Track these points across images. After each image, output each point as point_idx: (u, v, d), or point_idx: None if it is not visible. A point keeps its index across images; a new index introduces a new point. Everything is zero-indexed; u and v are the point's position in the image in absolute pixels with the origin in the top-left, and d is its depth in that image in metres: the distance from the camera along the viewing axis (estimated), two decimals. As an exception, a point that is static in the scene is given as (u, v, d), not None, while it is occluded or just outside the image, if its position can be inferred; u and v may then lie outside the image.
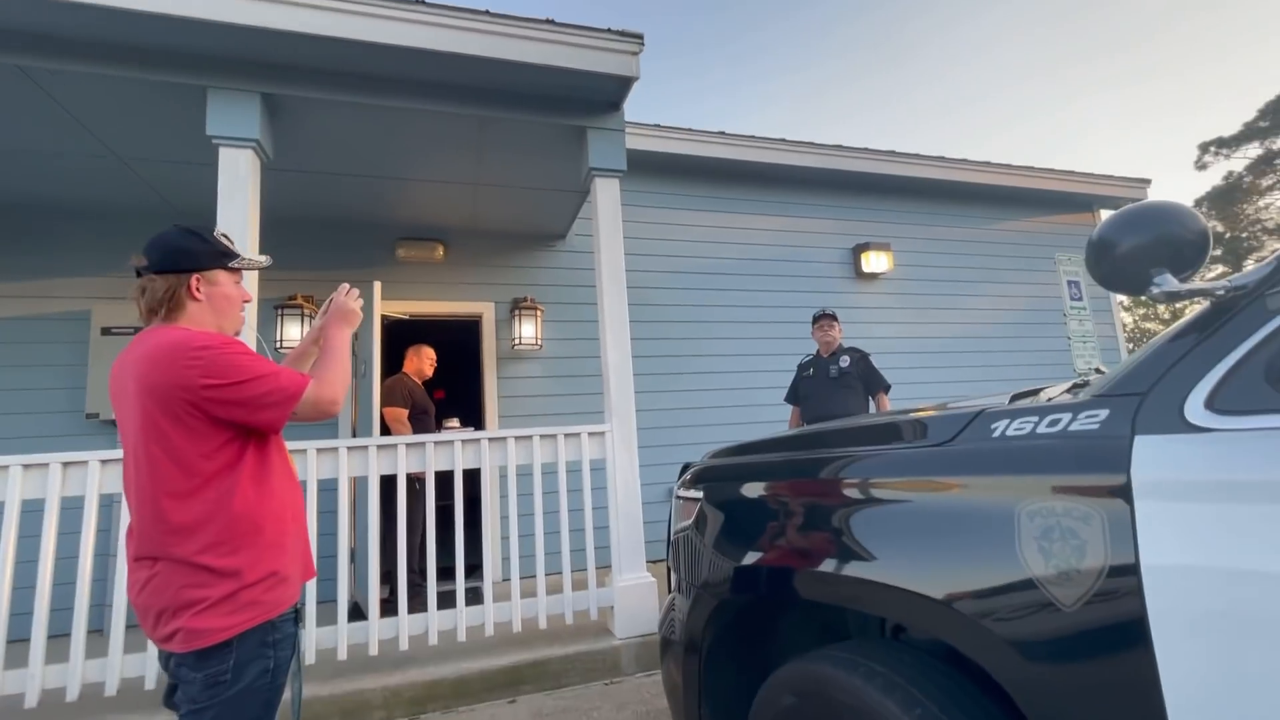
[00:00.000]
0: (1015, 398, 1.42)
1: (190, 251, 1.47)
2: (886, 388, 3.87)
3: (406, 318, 4.48)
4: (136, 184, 3.78)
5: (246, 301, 1.61)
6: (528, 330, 4.67)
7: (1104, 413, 1.00)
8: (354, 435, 3.99)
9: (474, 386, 4.87)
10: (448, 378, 4.78)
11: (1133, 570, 0.86)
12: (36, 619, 2.40)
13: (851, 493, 1.32)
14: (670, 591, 1.90)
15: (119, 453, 2.56)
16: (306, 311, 4.12)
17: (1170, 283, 0.92)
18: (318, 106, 3.08)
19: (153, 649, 2.48)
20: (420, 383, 4.19)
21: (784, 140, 5.42)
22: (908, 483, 1.21)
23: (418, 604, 2.96)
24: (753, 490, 1.60)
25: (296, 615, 1.50)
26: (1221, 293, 0.86)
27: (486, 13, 2.95)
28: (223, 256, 1.51)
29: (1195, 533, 0.84)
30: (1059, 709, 0.94)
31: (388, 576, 3.28)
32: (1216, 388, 0.90)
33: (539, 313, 4.76)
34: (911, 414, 1.41)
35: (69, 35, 2.64)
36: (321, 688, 2.58)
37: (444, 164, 3.81)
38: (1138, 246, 0.96)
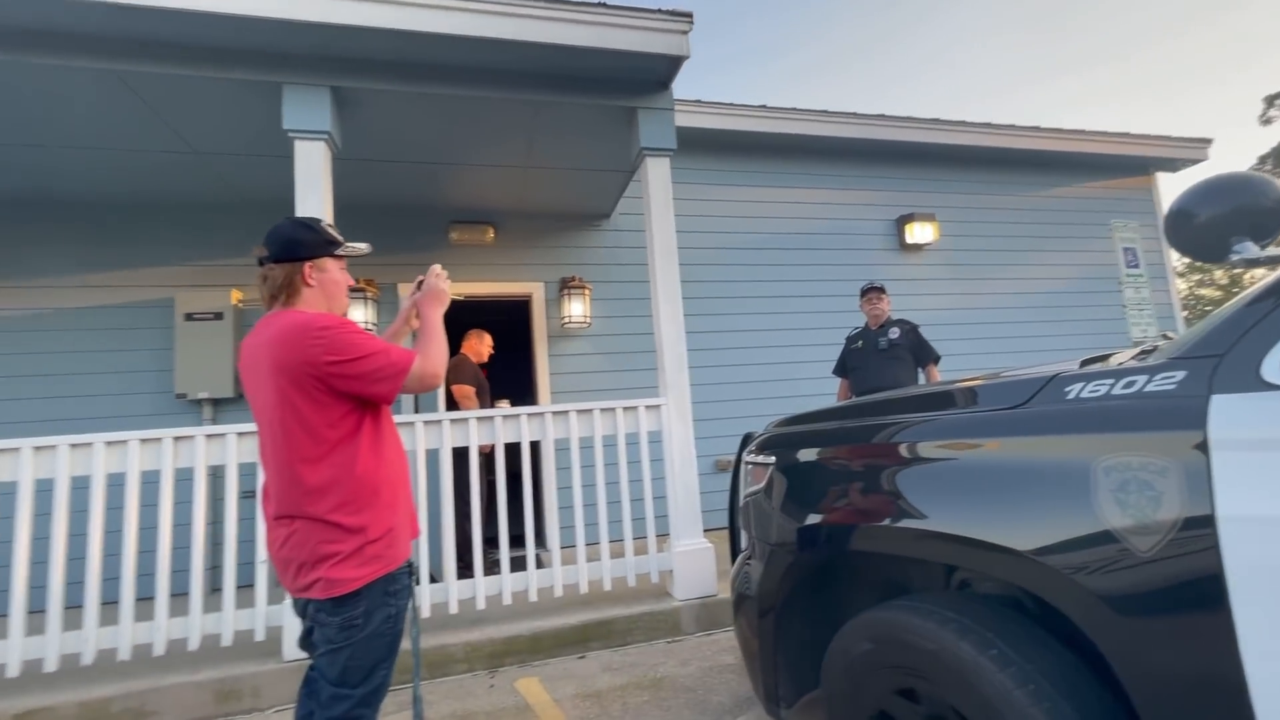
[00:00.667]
0: (1085, 363, 1.48)
1: (303, 241, 1.62)
2: (936, 359, 3.89)
3: (461, 299, 4.65)
4: (212, 178, 4.00)
5: (351, 286, 1.77)
6: (577, 308, 4.80)
7: (1180, 374, 1.06)
8: (416, 411, 4.20)
9: (525, 365, 5.04)
10: (498, 357, 4.96)
11: (1208, 521, 0.93)
12: (159, 579, 2.67)
13: (934, 454, 1.41)
14: (742, 551, 2.03)
15: (220, 429, 2.80)
16: (369, 295, 4.33)
17: (1251, 250, 0.98)
18: (381, 98, 3.22)
19: (261, 605, 2.73)
20: (480, 363, 4.37)
21: (825, 111, 5.37)
22: (987, 444, 1.30)
23: (491, 568, 3.16)
24: (832, 454, 1.70)
25: (410, 569, 1.66)
26: None
27: (539, -1, 3.02)
28: (330, 245, 1.65)
29: (1271, 485, 0.91)
30: (1135, 651, 1.03)
31: (462, 543, 3.49)
32: (1290, 353, 0.95)
33: (587, 291, 4.88)
34: (983, 380, 1.49)
35: (161, 39, 2.81)
36: (406, 642, 2.79)
37: (496, 148, 3.93)
38: (1217, 216, 1.01)
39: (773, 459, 1.87)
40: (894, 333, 3.93)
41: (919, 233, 5.69)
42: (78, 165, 3.75)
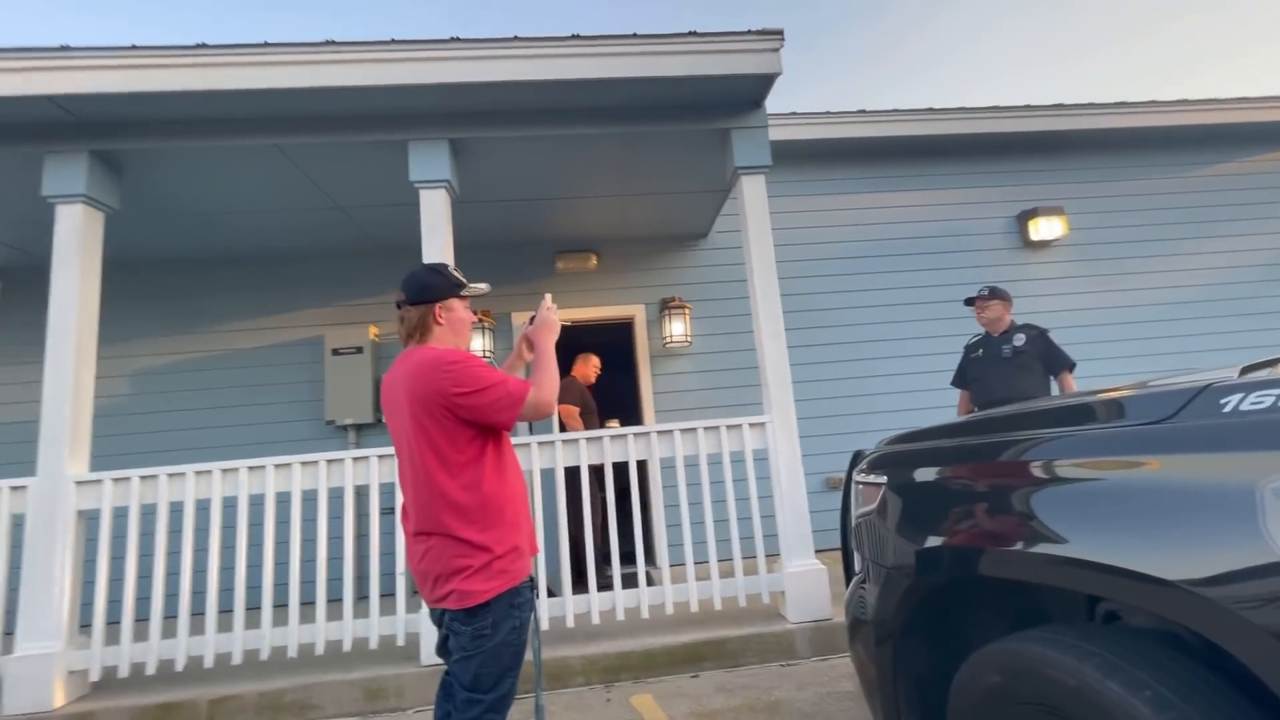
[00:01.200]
0: (1245, 370, 1.33)
1: (433, 286, 1.81)
2: (1070, 366, 3.55)
3: (569, 324, 4.89)
4: (351, 228, 4.53)
5: (474, 322, 1.94)
6: (678, 328, 4.88)
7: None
8: (530, 433, 4.44)
9: (630, 384, 5.18)
10: (606, 377, 5.14)
11: None
12: (318, 586, 3.02)
13: (1067, 473, 1.32)
14: (856, 573, 1.97)
15: (365, 452, 3.13)
16: (486, 326, 4.67)
17: None
18: (491, 144, 3.50)
19: (401, 613, 3.01)
20: (588, 385, 4.57)
21: (930, 109, 5.12)
22: (1124, 462, 1.19)
23: (603, 584, 3.26)
24: (952, 473, 1.62)
25: (531, 583, 1.78)
26: None
27: (634, 35, 3.17)
28: (456, 287, 1.84)
29: None
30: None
31: (577, 559, 3.63)
32: None
33: (687, 311, 4.95)
34: (1124, 392, 1.37)
35: (311, 114, 3.26)
36: (527, 654, 2.95)
37: (595, 180, 4.13)
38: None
39: (884, 478, 1.81)
40: (1019, 339, 3.64)
41: (1045, 228, 5.24)
42: (247, 226, 4.38)
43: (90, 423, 3.13)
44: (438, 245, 3.31)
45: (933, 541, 1.58)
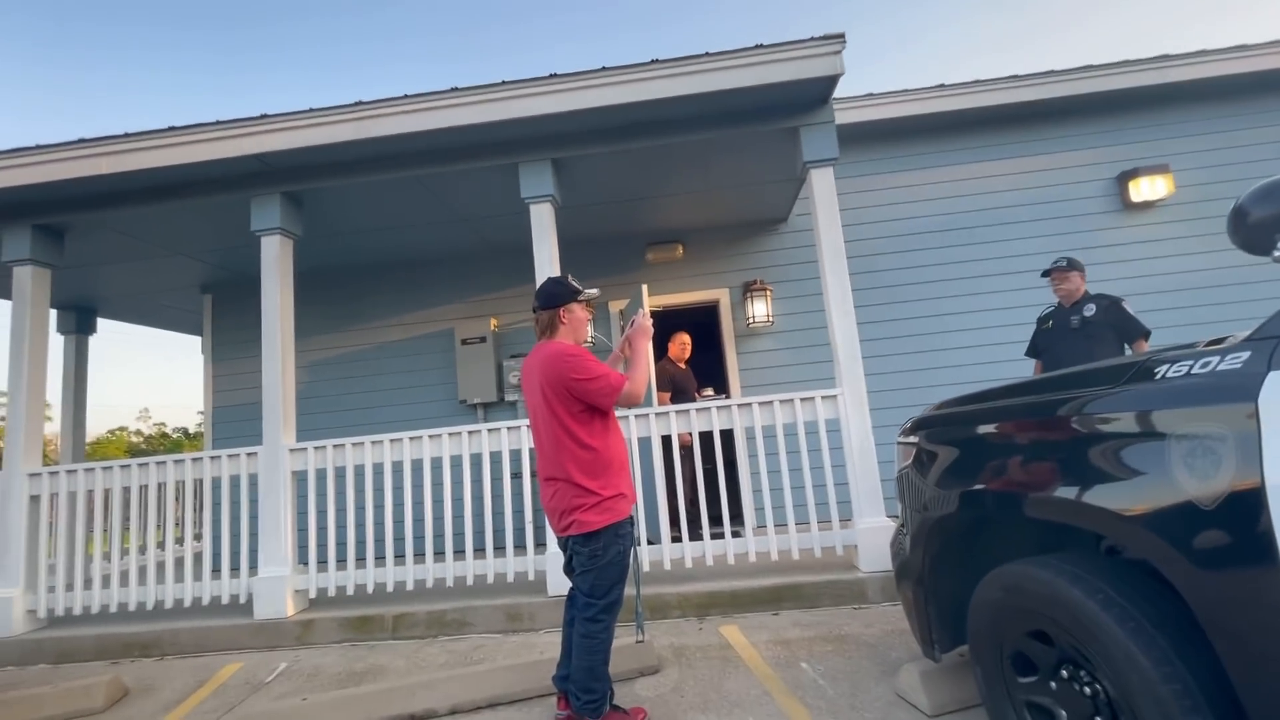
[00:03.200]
0: (1211, 343, 1.59)
1: (558, 294, 2.38)
2: (1146, 334, 3.56)
3: (660, 309, 5.41)
4: (472, 236, 5.28)
5: (588, 320, 2.49)
6: (759, 309, 5.25)
7: (1246, 354, 1.25)
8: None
9: (720, 360, 5.61)
10: (698, 354, 5.61)
11: (1259, 475, 1.13)
12: (466, 535, 3.77)
13: (1040, 433, 1.66)
14: (899, 521, 2.35)
15: (496, 424, 3.82)
16: (590, 315, 5.28)
17: (1292, 248, 1.13)
18: (587, 160, 4.04)
19: (530, 554, 3.70)
20: (681, 363, 5.08)
21: (1015, 77, 5.05)
22: (1080, 419, 1.52)
23: (696, 535, 3.79)
24: (958, 433, 1.98)
25: (631, 521, 2.32)
26: None
27: (705, 54, 3.56)
28: (575, 294, 2.39)
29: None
30: (1201, 590, 1.24)
31: (673, 513, 4.19)
32: (1336, 332, 1.11)
33: (768, 292, 5.30)
34: (1093, 365, 1.66)
35: (440, 148, 3.95)
36: (631, 590, 3.55)
37: (679, 180, 4.57)
38: (1267, 216, 1.16)
39: (916, 438, 2.17)
40: (1089, 309, 3.69)
41: (1147, 188, 5.04)
42: (391, 240, 5.25)
43: (294, 404, 4.06)
44: (545, 250, 3.92)
45: (951, 488, 1.95)
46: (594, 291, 2.47)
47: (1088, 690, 1.55)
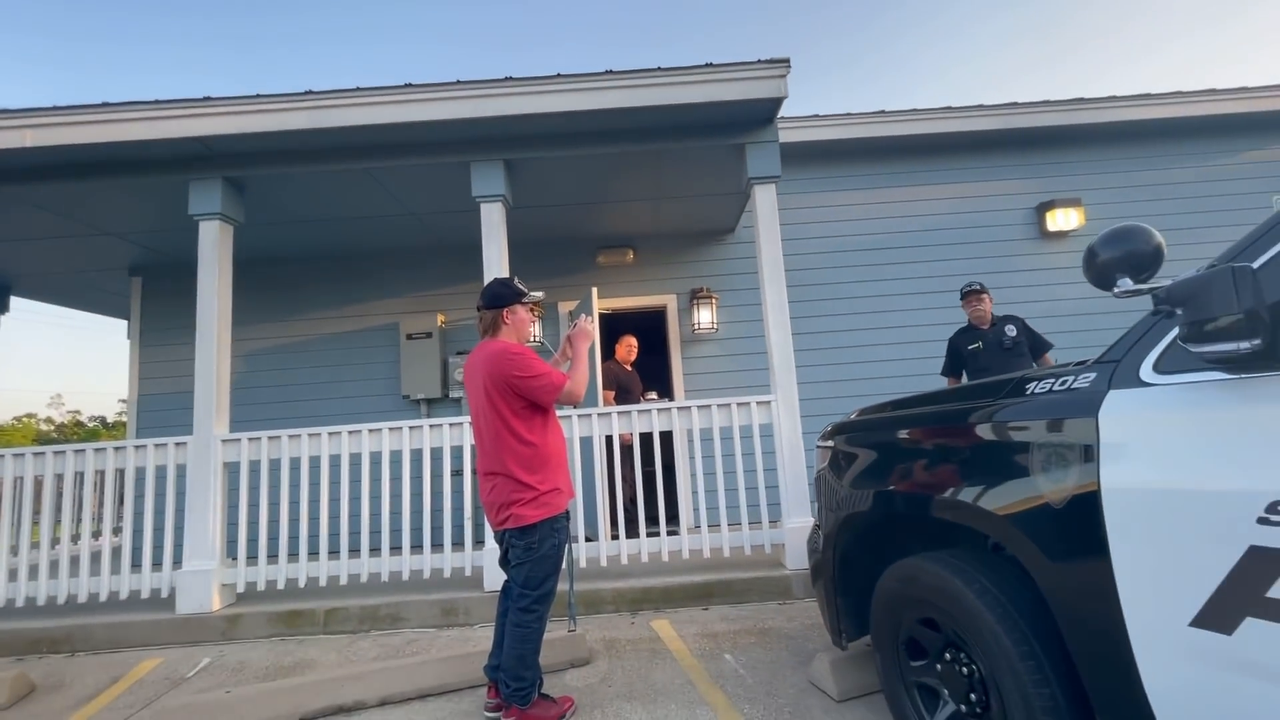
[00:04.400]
0: (1076, 364, 1.80)
1: (502, 295, 2.45)
2: (1049, 348, 3.91)
3: (609, 311, 5.51)
4: (422, 232, 5.26)
5: (532, 321, 2.57)
6: (705, 316, 5.42)
7: (1094, 375, 1.45)
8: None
9: (665, 364, 5.76)
10: (645, 358, 5.73)
11: (1095, 487, 1.32)
12: (403, 530, 3.77)
13: (931, 441, 1.85)
14: (814, 520, 2.52)
15: (437, 420, 3.84)
16: (536, 314, 5.33)
17: (1128, 284, 1.33)
18: (540, 163, 4.10)
19: (468, 550, 3.73)
20: (627, 365, 5.19)
21: (948, 108, 5.40)
22: (962, 429, 1.71)
23: (633, 533, 3.90)
24: (866, 438, 2.16)
25: (567, 516, 2.42)
26: (1159, 294, 1.26)
27: (659, 69, 3.69)
28: (519, 296, 2.47)
29: (1134, 460, 1.28)
30: (1051, 578, 1.43)
31: (610, 511, 4.29)
32: (1159, 357, 1.31)
33: (714, 300, 5.48)
34: (980, 381, 1.86)
35: (391, 143, 3.94)
36: (562, 585, 3.63)
37: (630, 188, 4.69)
38: (1110, 258, 1.36)
39: (832, 442, 2.35)
40: (1010, 330, 4.01)
41: (1061, 219, 5.48)
42: (338, 231, 5.17)
43: (229, 393, 3.96)
44: (495, 247, 3.96)
45: (858, 487, 2.12)
46: (538, 294, 2.55)
47: (965, 671, 1.74)
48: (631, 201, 4.97)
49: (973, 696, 1.71)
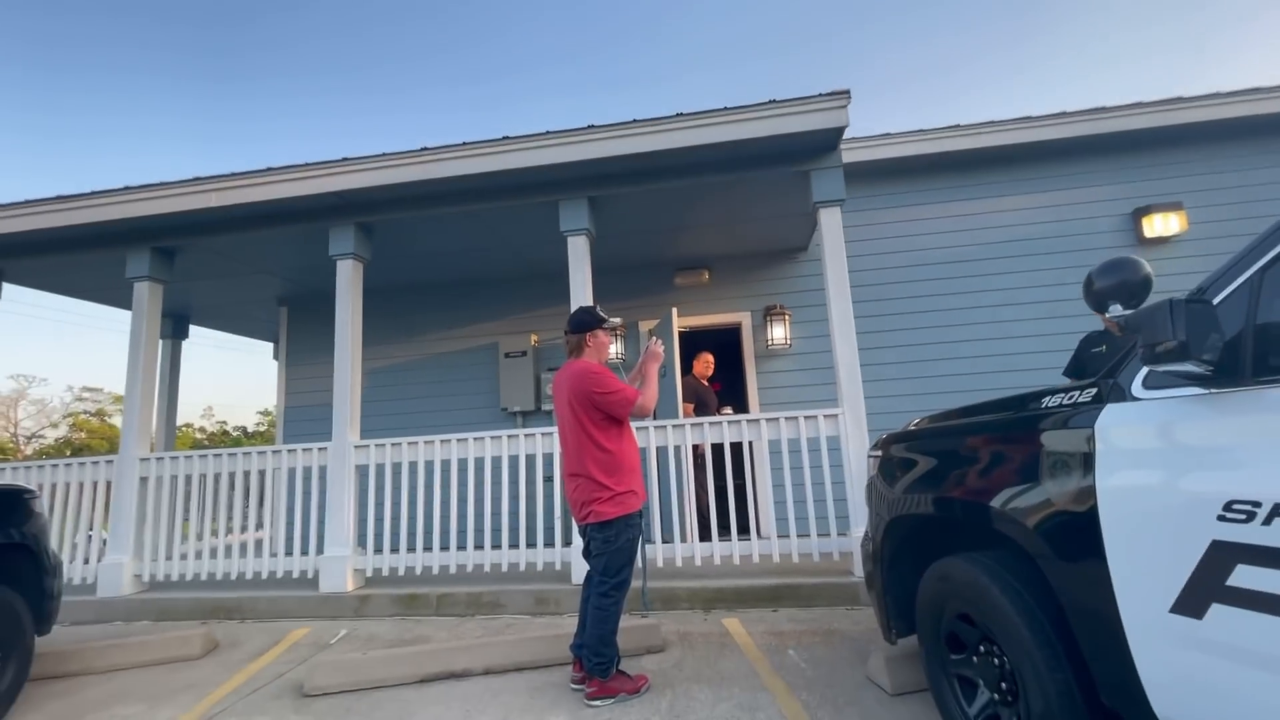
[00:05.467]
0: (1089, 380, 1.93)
1: (586, 322, 2.85)
2: None
3: (686, 329, 5.84)
4: (517, 261, 5.85)
5: (609, 344, 2.95)
6: (778, 332, 5.62)
7: (1094, 390, 1.61)
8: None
9: (741, 379, 6.00)
10: (722, 373, 6.01)
11: (1092, 488, 1.50)
12: (503, 529, 4.27)
13: (965, 448, 2.03)
14: (866, 528, 2.71)
15: (531, 430, 4.32)
16: (619, 333, 5.76)
17: (1118, 310, 1.49)
18: (620, 197, 4.53)
19: (558, 547, 4.16)
20: (704, 380, 5.50)
21: (1027, 118, 5.32)
22: (985, 437, 1.89)
23: (705, 537, 4.19)
24: (911, 449, 2.35)
25: (641, 515, 2.76)
26: (1125, 321, 1.42)
27: (725, 109, 4.01)
28: (600, 322, 2.86)
29: (1125, 465, 1.46)
30: (1058, 572, 1.60)
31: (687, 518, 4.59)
32: (1147, 374, 1.48)
33: (787, 316, 5.67)
34: (1010, 395, 2.02)
35: (491, 188, 4.52)
36: (649, 583, 3.96)
37: (703, 214, 5.02)
38: (1105, 286, 1.53)
39: (880, 453, 2.55)
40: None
41: (1160, 225, 5.23)
42: (444, 263, 5.87)
43: (360, 407, 4.66)
44: (581, 275, 4.41)
45: (901, 495, 2.32)
46: (616, 320, 2.94)
47: (997, 662, 1.91)
48: (705, 226, 5.29)
49: (1003, 685, 1.88)
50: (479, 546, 4.35)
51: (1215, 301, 1.29)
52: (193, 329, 7.48)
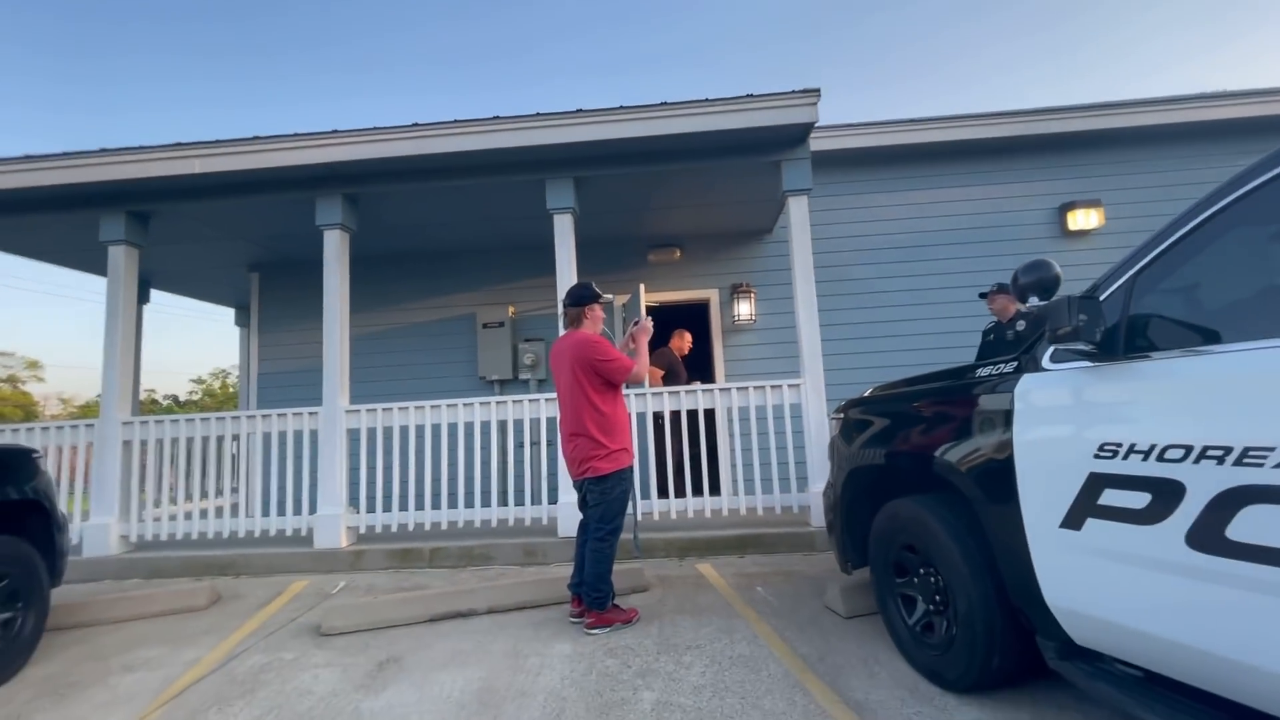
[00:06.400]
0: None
1: (585, 296, 3.15)
2: None
3: (657, 305, 6.19)
4: (496, 234, 6.04)
5: (603, 318, 3.26)
6: (744, 309, 6.04)
7: (1015, 363, 2.05)
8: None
9: (707, 352, 6.41)
10: (692, 345, 6.42)
11: (1010, 440, 1.94)
12: (493, 487, 4.57)
13: (912, 410, 2.47)
14: (829, 477, 3.17)
15: (510, 397, 4.61)
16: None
17: (1035, 301, 1.93)
18: (602, 179, 4.79)
19: (544, 504, 4.51)
20: (679, 356, 5.87)
21: (973, 115, 5.83)
22: (932, 400, 2.34)
23: (681, 494, 4.61)
24: (867, 410, 2.80)
25: (631, 470, 3.12)
26: (1038, 311, 1.86)
27: (706, 100, 4.31)
28: (596, 298, 3.17)
29: (1035, 423, 1.89)
30: (984, 508, 2.05)
31: (661, 474, 5.01)
32: (1053, 351, 1.92)
33: (753, 294, 6.09)
34: (950, 366, 2.47)
35: (476, 164, 4.69)
36: (627, 534, 4.36)
37: (680, 196, 5.33)
38: (1028, 282, 1.96)
39: (842, 414, 2.99)
40: (1021, 325, 4.50)
41: (1082, 219, 5.87)
42: (425, 235, 5.99)
43: (349, 373, 4.83)
44: (565, 251, 4.68)
45: (861, 448, 2.76)
46: (609, 297, 3.25)
47: (932, 581, 2.38)
48: (679, 207, 5.61)
49: (937, 598, 2.36)
50: (469, 505, 4.64)
51: (1102, 298, 1.73)
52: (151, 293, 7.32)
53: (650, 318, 3.30)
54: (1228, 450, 1.38)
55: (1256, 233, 1.59)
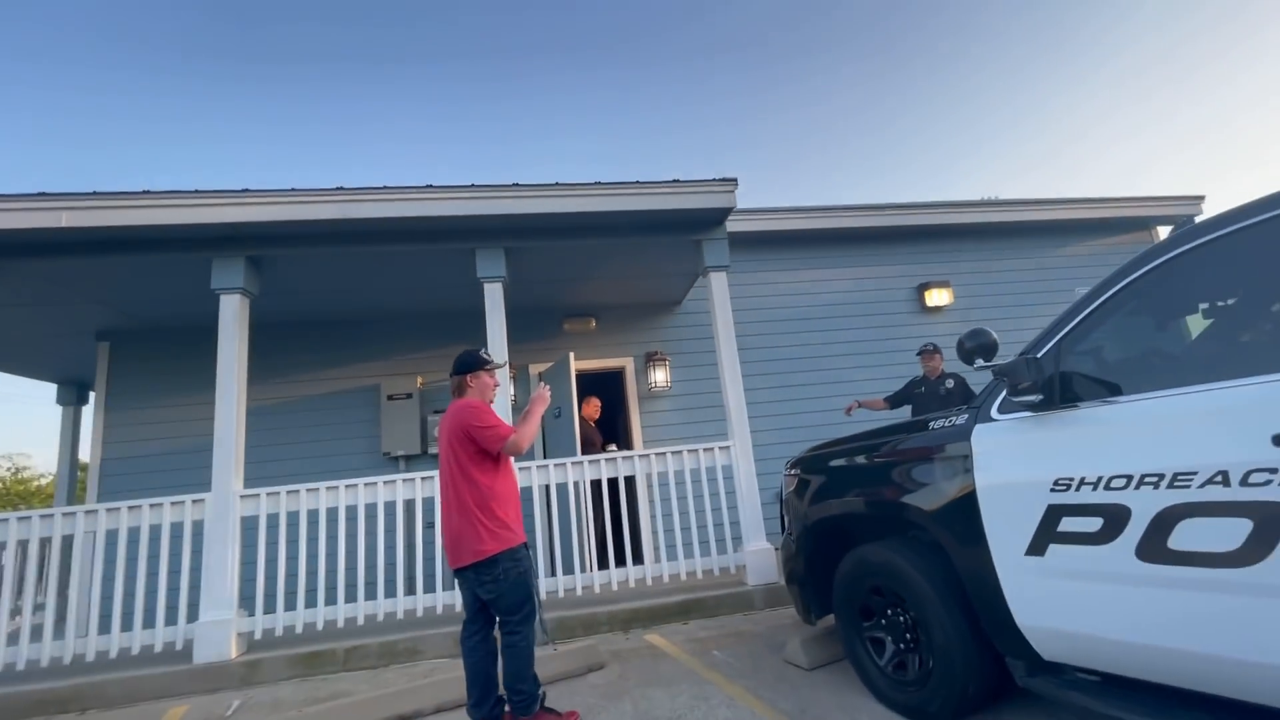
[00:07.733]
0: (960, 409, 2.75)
1: (468, 363, 2.94)
2: None
3: (574, 373, 6.23)
4: (411, 302, 5.81)
5: (495, 385, 3.11)
6: (659, 376, 6.28)
7: (967, 415, 2.38)
8: (544, 456, 5.70)
9: (625, 418, 6.50)
10: (606, 412, 6.46)
11: (972, 486, 2.22)
12: (378, 576, 4.20)
13: (870, 461, 2.74)
14: (786, 532, 3.35)
15: (412, 475, 4.35)
16: (511, 374, 5.96)
17: (981, 363, 2.29)
18: (533, 251, 4.88)
19: (439, 592, 4.20)
20: (592, 421, 5.89)
21: (851, 206, 6.79)
22: (893, 452, 2.62)
23: (604, 565, 4.54)
24: (823, 465, 3.04)
25: (525, 547, 2.82)
26: (997, 369, 2.22)
27: (636, 182, 4.63)
28: (482, 363, 2.95)
29: (989, 469, 2.19)
30: (955, 548, 2.30)
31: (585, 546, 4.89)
32: (1000, 402, 2.26)
33: (666, 361, 6.36)
34: (902, 422, 2.80)
35: (402, 231, 4.58)
36: (568, 611, 4.20)
37: (602, 268, 5.55)
38: (972, 347, 2.33)
39: (796, 470, 3.22)
40: (950, 383, 5.14)
41: (936, 297, 6.91)
42: (330, 302, 5.61)
43: (244, 452, 4.28)
44: (497, 320, 4.63)
45: (819, 500, 2.98)
46: (498, 361, 3.24)
47: (901, 620, 2.58)
48: (598, 279, 5.82)
49: (907, 636, 2.55)
50: (390, 595, 4.21)
51: (1039, 356, 2.11)
52: (-46, 366, 6.04)
53: (548, 385, 3.19)
54: (1161, 476, 1.73)
55: (1142, 308, 2.06)
